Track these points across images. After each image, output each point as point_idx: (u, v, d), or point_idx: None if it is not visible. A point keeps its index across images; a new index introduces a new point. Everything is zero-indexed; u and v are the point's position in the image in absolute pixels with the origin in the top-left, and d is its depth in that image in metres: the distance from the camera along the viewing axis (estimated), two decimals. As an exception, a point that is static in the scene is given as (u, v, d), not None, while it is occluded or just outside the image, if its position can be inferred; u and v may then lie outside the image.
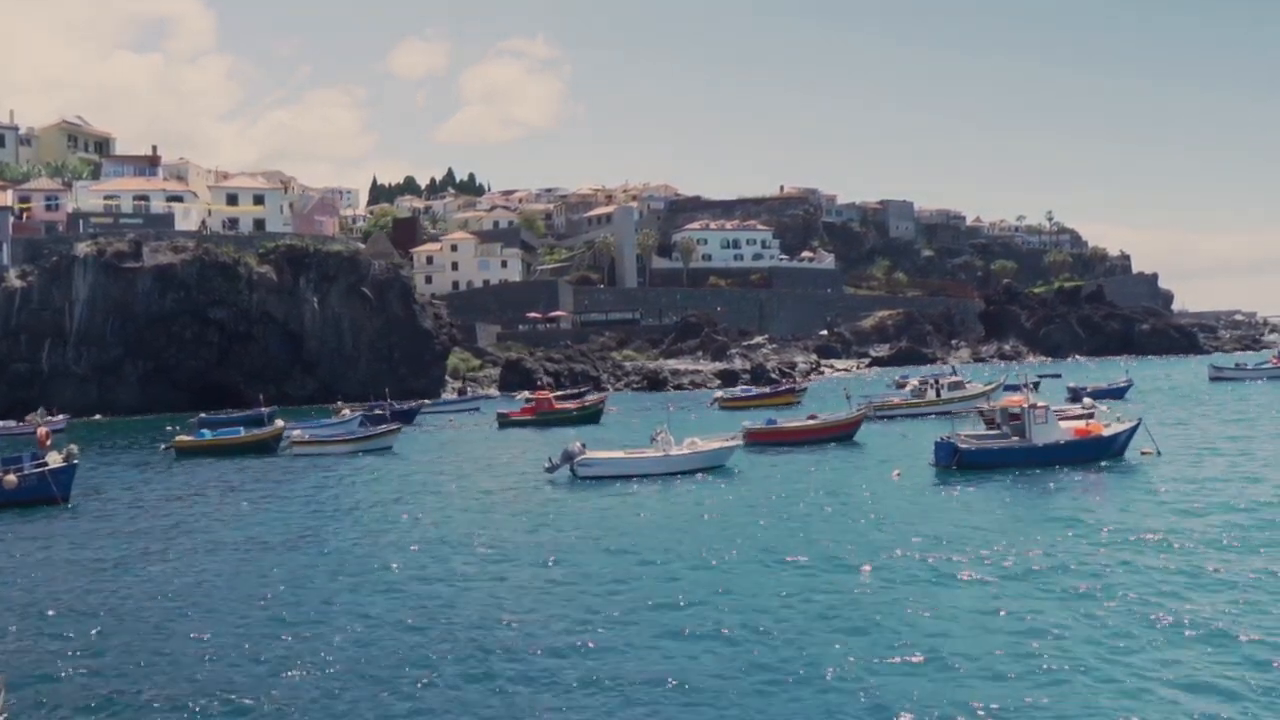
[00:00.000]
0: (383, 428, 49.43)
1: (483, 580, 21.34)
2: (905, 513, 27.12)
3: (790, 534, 24.80)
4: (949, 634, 16.46)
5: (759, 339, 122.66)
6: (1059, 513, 26.42)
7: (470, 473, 39.35)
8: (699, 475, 34.85)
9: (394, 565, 22.81)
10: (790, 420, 46.30)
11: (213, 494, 35.21)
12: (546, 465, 35.42)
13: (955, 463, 34.33)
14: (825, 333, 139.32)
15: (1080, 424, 36.72)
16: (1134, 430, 36.29)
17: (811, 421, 45.19)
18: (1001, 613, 17.47)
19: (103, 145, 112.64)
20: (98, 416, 74.77)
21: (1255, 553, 21.19)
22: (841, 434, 44.53)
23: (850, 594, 19.15)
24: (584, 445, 35.69)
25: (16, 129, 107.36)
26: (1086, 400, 49.50)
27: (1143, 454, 36.02)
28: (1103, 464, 34.37)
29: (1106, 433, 36.02)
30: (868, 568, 21.01)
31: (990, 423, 38.24)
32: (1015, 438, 35.48)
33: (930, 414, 53.71)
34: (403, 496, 33.43)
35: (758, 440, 43.55)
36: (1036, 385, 76.88)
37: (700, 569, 21.56)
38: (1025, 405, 35.45)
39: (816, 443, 43.53)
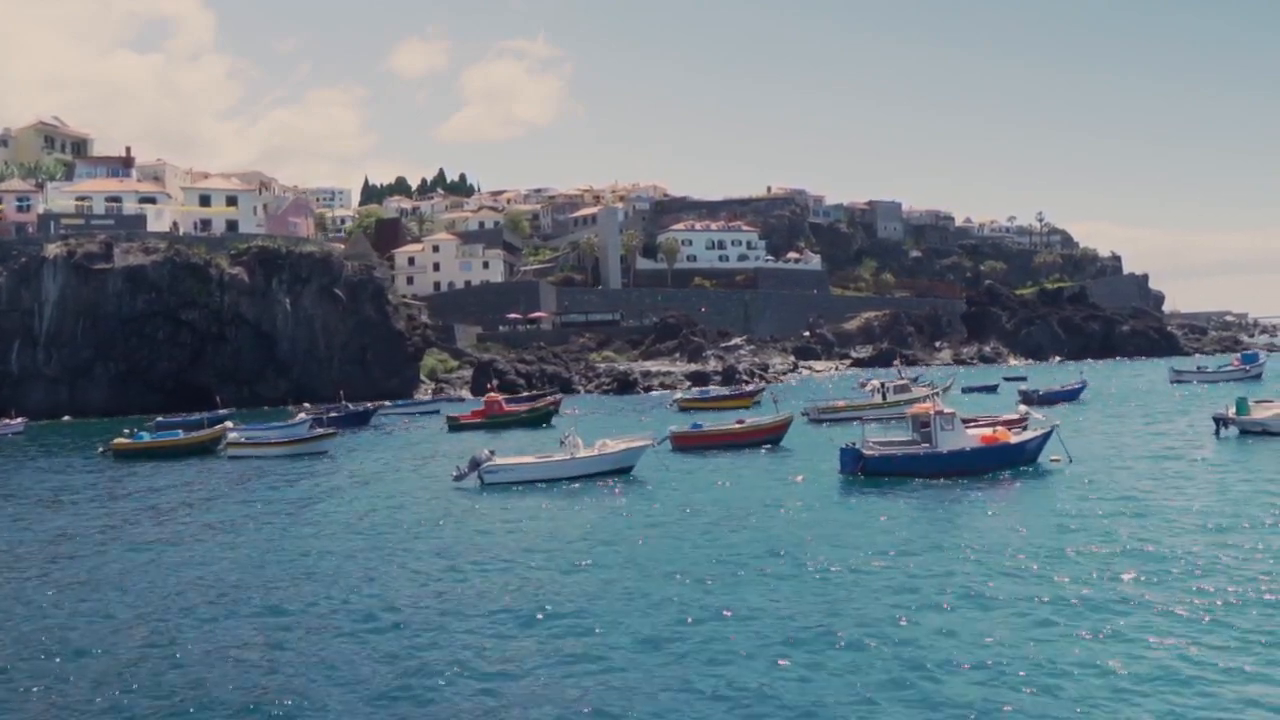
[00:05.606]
0: (317, 431, 49.92)
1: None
2: (770, 521, 27.39)
3: (646, 543, 25.11)
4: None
5: (737, 340, 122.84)
6: (933, 522, 26.79)
7: (385, 483, 39.38)
8: (600, 482, 34.91)
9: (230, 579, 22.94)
10: (716, 424, 46.64)
11: (114, 495, 35.58)
12: (454, 473, 35.33)
13: (859, 469, 34.69)
14: (806, 334, 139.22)
15: (987, 431, 37.04)
16: (1046, 437, 36.63)
17: (737, 425, 45.55)
18: (837, 612, 17.87)
19: (80, 146, 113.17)
20: (66, 418, 75.41)
21: (1123, 569, 21.45)
22: (768, 437, 44.87)
23: (667, 603, 19.54)
24: (492, 452, 35.81)
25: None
26: (1021, 407, 49.73)
27: (1052, 461, 36.34)
28: (1007, 472, 34.61)
29: (1014, 440, 36.36)
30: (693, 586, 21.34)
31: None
32: (925, 444, 35.87)
33: (873, 418, 53.79)
34: (293, 504, 33.40)
35: (683, 444, 43.97)
36: (997, 389, 77.76)
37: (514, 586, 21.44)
38: (932, 412, 35.79)
39: (743, 446, 43.91)
